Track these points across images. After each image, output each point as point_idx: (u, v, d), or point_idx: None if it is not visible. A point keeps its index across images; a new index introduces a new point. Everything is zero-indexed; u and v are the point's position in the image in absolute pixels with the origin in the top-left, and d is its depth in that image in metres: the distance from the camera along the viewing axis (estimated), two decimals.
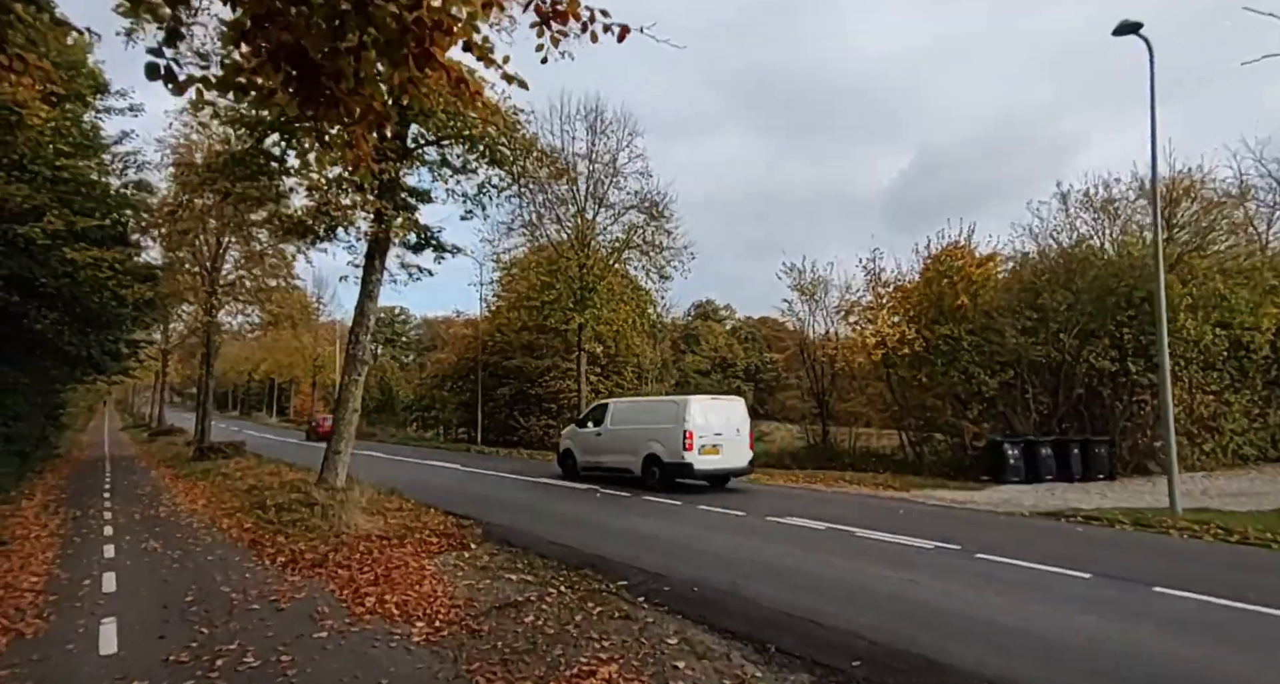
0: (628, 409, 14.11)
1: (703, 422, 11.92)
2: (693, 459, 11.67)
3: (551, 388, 26.39)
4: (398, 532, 8.37)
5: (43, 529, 9.67)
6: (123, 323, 15.25)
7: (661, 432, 12.23)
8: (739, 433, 12.33)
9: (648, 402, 15.63)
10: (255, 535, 8.61)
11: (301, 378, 62.49)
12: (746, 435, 12.55)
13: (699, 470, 11.83)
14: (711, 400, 13.22)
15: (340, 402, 12.23)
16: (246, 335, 43.64)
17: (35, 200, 10.85)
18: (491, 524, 9.13)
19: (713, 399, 13.52)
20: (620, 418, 13.68)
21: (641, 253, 21.79)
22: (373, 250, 12.54)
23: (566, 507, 10.81)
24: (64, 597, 6.04)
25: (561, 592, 5.89)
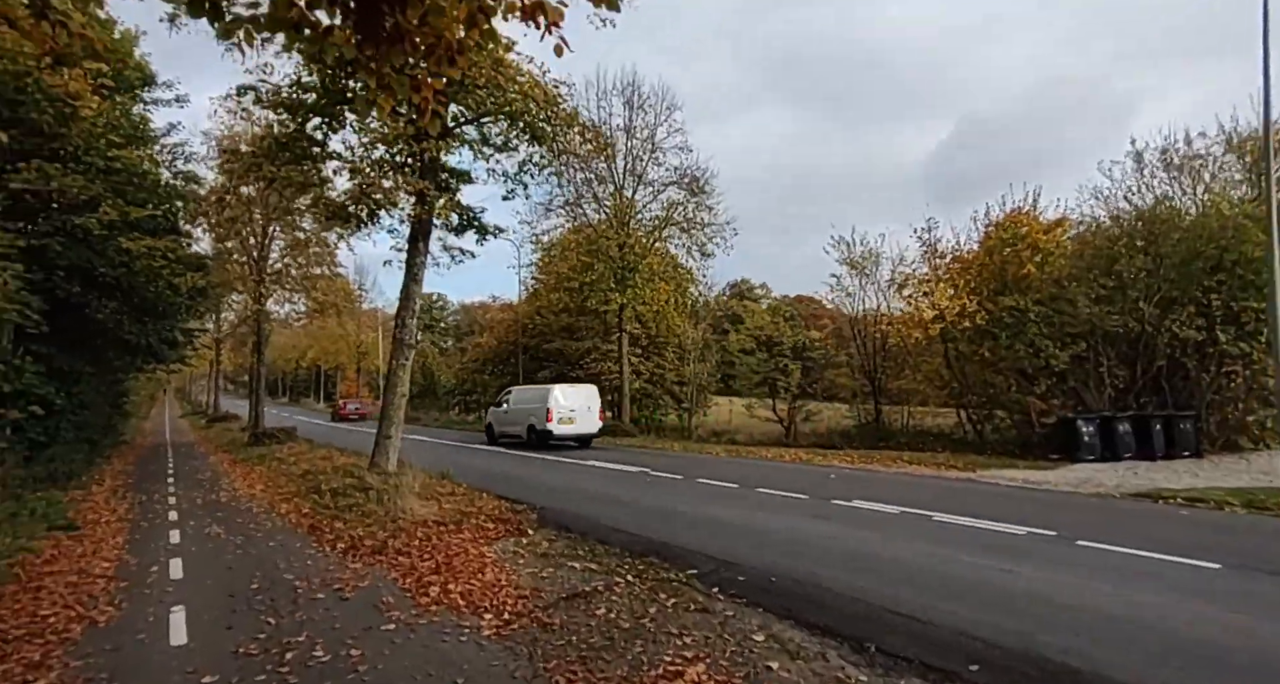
0: (519, 394, 19.20)
1: (563, 402, 16.76)
2: (553, 427, 16.47)
3: (592, 370, 26.20)
4: (453, 517, 8.24)
5: (111, 514, 9.90)
6: (177, 311, 15.58)
7: (537, 409, 16.91)
8: (590, 410, 17.20)
9: (531, 388, 19.48)
10: (314, 521, 8.61)
11: (346, 364, 64.23)
12: (596, 411, 17.53)
13: (557, 434, 16.68)
14: (570, 387, 17.96)
15: (388, 386, 12.22)
16: (294, 323, 44.95)
17: (90, 191, 10.97)
18: (546, 509, 8.93)
19: (572, 386, 18.21)
20: (516, 400, 18.85)
21: (682, 230, 21.25)
22: (415, 233, 12.39)
23: (617, 490, 10.56)
24: (134, 583, 6.05)
25: (629, 581, 5.60)
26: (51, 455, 11.95)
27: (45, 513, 9.34)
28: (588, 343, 26.36)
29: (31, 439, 11.67)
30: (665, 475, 11.90)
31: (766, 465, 13.61)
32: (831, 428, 19.14)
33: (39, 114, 10.91)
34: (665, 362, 26.16)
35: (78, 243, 11.39)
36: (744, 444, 19.56)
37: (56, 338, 12.57)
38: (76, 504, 10.68)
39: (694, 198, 20.47)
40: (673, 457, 15.54)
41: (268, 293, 22.41)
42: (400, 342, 12.24)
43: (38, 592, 5.83)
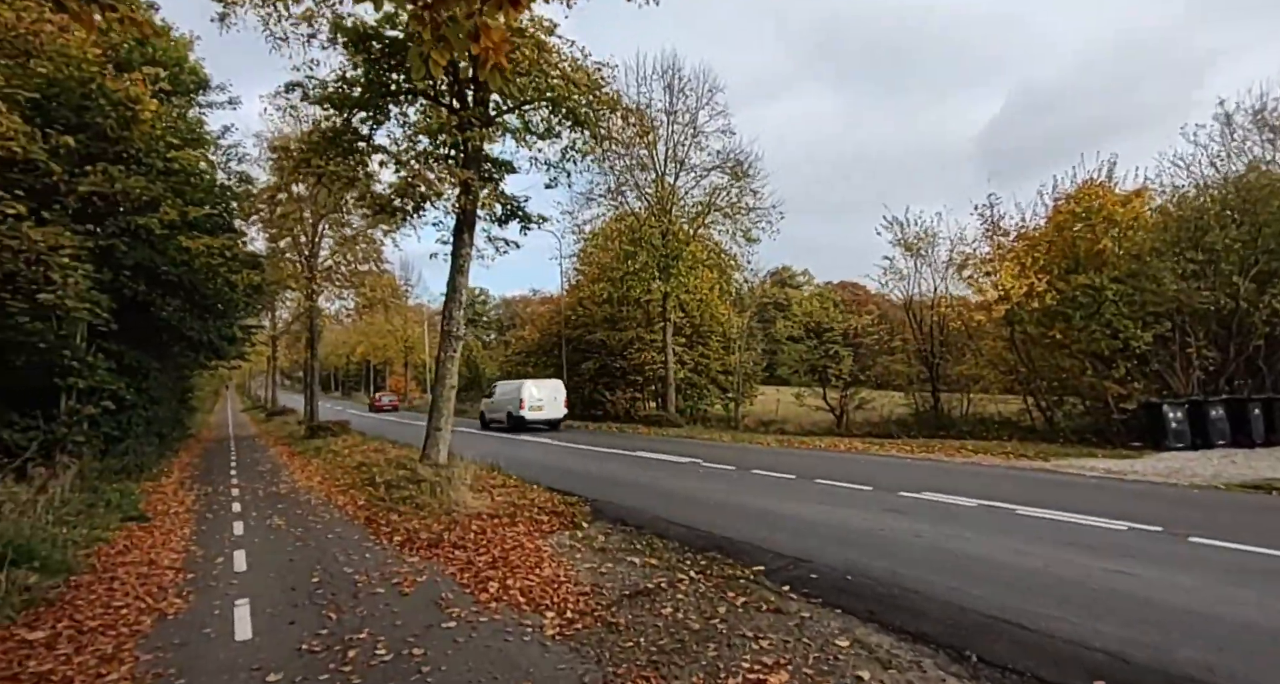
0: (502, 387, 22.91)
1: (535, 393, 20.67)
2: (525, 414, 20.34)
3: (635, 360, 26.00)
4: (506, 510, 8.13)
5: (180, 505, 10.22)
6: (235, 308, 16.06)
7: (514, 399, 20.67)
8: (555, 399, 21.04)
9: (510, 383, 23.02)
10: (370, 513, 8.64)
11: (394, 359, 66.04)
12: (561, 401, 21.27)
13: (529, 419, 20.50)
14: (539, 381, 21.97)
15: (437, 379, 12.24)
16: (343, 320, 46.43)
17: (151, 192, 11.27)
18: (598, 501, 8.75)
19: (540, 381, 22.12)
20: (500, 392, 22.61)
21: (725, 216, 20.71)
22: (460, 224, 12.34)
23: (670, 481, 10.30)
24: (200, 574, 6.12)
25: (693, 578, 5.33)
26: (125, 449, 12.45)
27: (120, 504, 9.70)
28: (630, 333, 26.14)
29: (106, 433, 12.17)
30: (718, 467, 11.58)
31: (822, 455, 13.13)
32: (886, 416, 18.40)
33: (103, 118, 11.26)
34: (710, 351, 25.73)
35: (141, 243, 11.75)
36: (794, 434, 19.03)
37: (125, 335, 13.06)
38: (148, 495, 11.08)
39: (738, 182, 19.90)
40: (723, 447, 15.19)
41: (319, 289, 22.97)
42: (447, 334, 12.25)
43: (111, 582, 5.95)
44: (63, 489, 9.20)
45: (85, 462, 10.54)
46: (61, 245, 9.95)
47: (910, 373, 17.03)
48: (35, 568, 5.88)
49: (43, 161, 10.27)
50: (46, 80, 10.48)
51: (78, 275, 9.83)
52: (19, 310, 9.78)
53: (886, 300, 25.15)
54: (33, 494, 7.87)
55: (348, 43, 10.65)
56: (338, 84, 11.39)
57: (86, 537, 7.43)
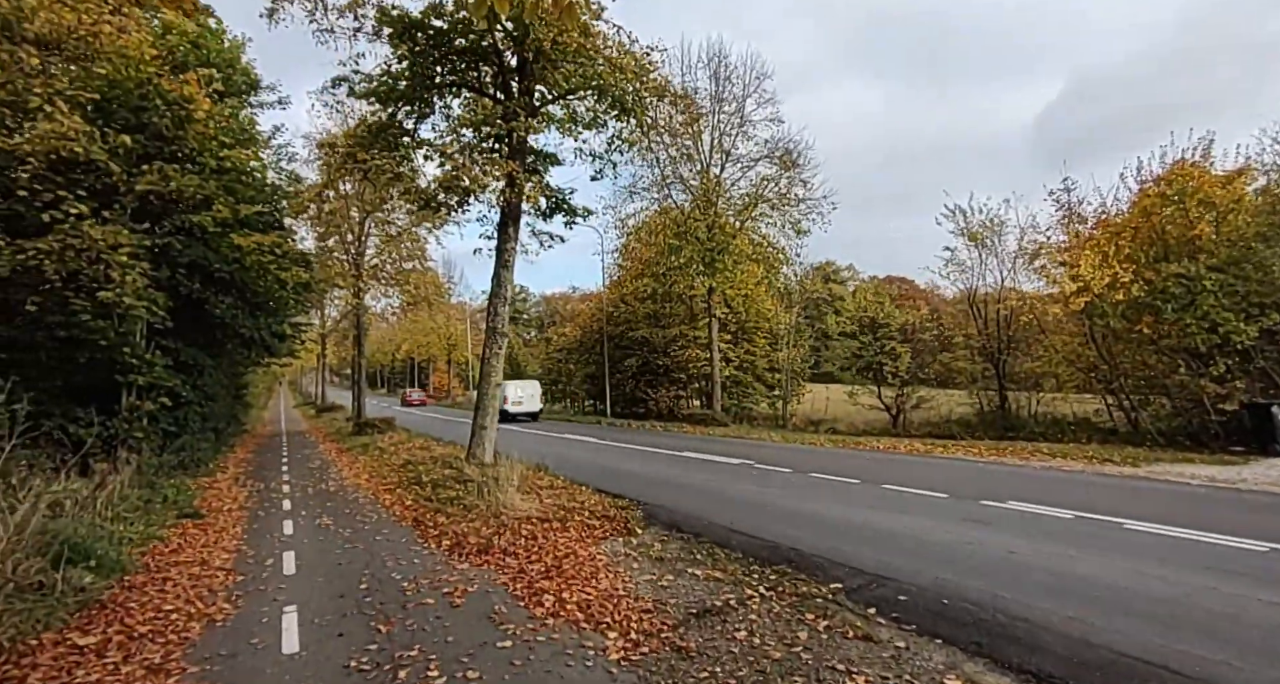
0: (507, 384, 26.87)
1: (515, 393, 26.45)
2: (509, 408, 25.16)
3: (678, 357, 25.52)
4: (556, 513, 7.80)
5: (233, 501, 10.27)
6: (285, 306, 16.28)
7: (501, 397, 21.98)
8: (533, 397, 27.25)
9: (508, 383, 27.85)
10: (417, 514, 8.44)
11: (437, 356, 67.19)
12: (538, 397, 27.62)
13: (512, 412, 25.40)
14: (518, 382, 28.82)
15: (483, 375, 12.03)
16: (389, 318, 47.51)
17: (205, 190, 11.39)
18: (650, 505, 8.34)
19: (519, 381, 29.08)
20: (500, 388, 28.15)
21: (773, 208, 19.98)
22: (505, 218, 12.10)
23: (724, 484, 9.81)
24: (250, 577, 5.96)
25: (764, 596, 4.86)
26: (182, 444, 12.68)
27: (175, 500, 9.80)
28: (674, 330, 25.67)
29: (164, 429, 12.41)
30: (772, 469, 11.03)
31: (883, 458, 12.41)
32: (945, 416, 17.45)
33: (159, 118, 11.42)
34: (756, 347, 25.03)
35: (195, 241, 11.91)
36: (846, 434, 18.25)
37: (181, 333, 13.30)
38: (203, 491, 11.22)
39: (787, 172, 19.15)
40: (774, 447, 14.60)
41: (366, 287, 23.27)
42: (493, 330, 12.04)
43: (164, 583, 5.84)
44: (122, 484, 9.32)
45: (144, 457, 10.72)
46: (120, 244, 10.09)
47: (973, 370, 16.05)
48: (91, 567, 5.82)
49: (103, 162, 10.42)
50: (106, 82, 10.65)
51: (135, 273, 9.94)
52: (82, 308, 9.96)
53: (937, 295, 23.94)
54: (92, 490, 7.92)
55: (393, 34, 10.49)
56: (383, 78, 11.27)
57: (142, 534, 7.43)
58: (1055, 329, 14.50)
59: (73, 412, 11.07)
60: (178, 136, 11.86)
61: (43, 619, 4.79)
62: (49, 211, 9.59)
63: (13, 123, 9.37)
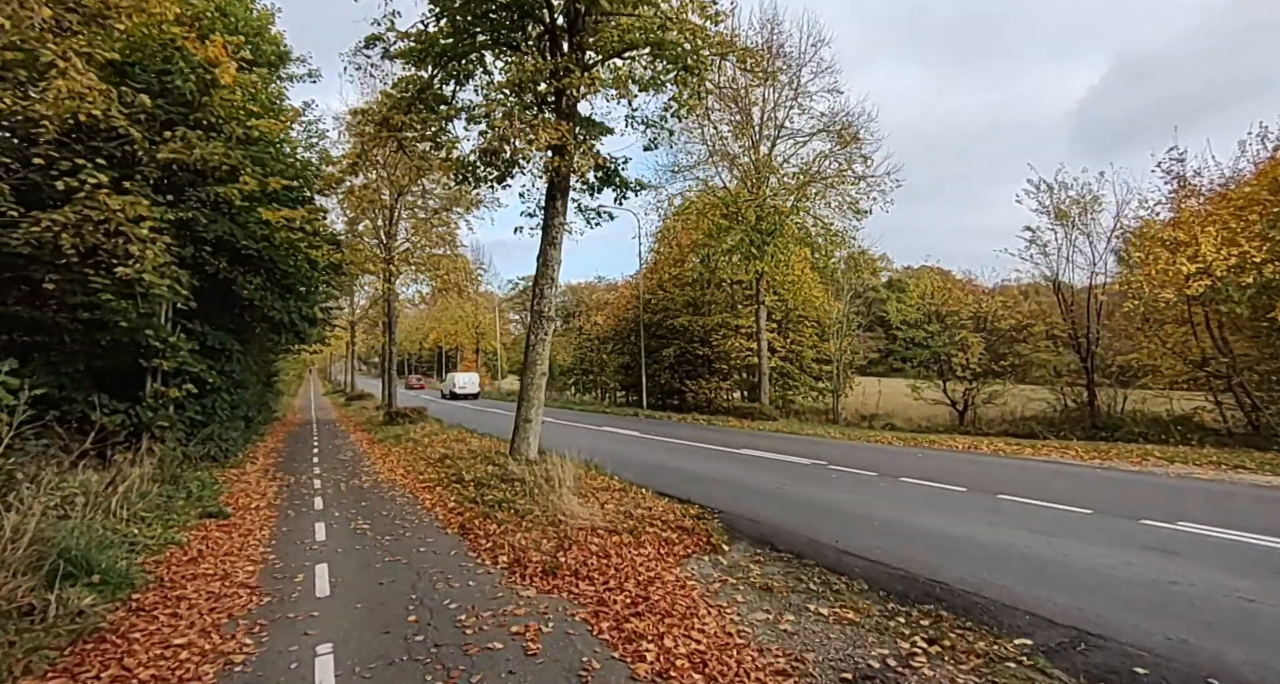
0: (451, 376, 42.27)
1: (460, 380, 40.15)
2: (456, 390, 39.17)
3: (719, 347, 24.30)
4: (623, 522, 6.74)
5: (261, 498, 9.45)
6: (315, 288, 15.48)
7: (452, 382, 40.49)
8: (473, 383, 40.03)
9: (452, 374, 42.14)
10: (463, 519, 7.46)
11: (465, 345, 66.92)
12: (476, 384, 40.39)
13: (458, 393, 38.81)
14: (463, 373, 42.44)
15: (526, 364, 11.02)
16: (418, 305, 47.13)
17: (231, 160, 10.54)
18: (726, 513, 7.24)
19: (464, 373, 42.61)
20: (449, 379, 42.04)
21: (830, 186, 18.54)
22: (553, 190, 11.04)
23: (803, 489, 8.65)
24: (277, 599, 5.01)
25: (929, 653, 3.72)
26: (209, 433, 11.96)
27: (200, 496, 9.00)
28: (715, 318, 24.43)
29: (191, 418, 11.70)
30: (853, 471, 9.83)
31: (970, 459, 11.12)
32: (1019, 413, 16.00)
33: (182, 82, 10.58)
34: (803, 337, 23.70)
35: (221, 216, 11.10)
36: (907, 430, 16.92)
37: (206, 316, 12.55)
38: (230, 484, 10.45)
39: (846, 147, 17.68)
40: (840, 446, 13.38)
41: (396, 272, 22.52)
42: (539, 314, 11.00)
43: (177, 604, 4.93)
44: (142, 479, 8.54)
45: (167, 448, 9.96)
46: (141, 216, 9.28)
47: (1057, 363, 14.55)
48: (93, 584, 4.94)
49: (123, 127, 9.59)
50: (126, 42, 9.80)
51: (156, 248, 9.11)
52: (102, 286, 9.19)
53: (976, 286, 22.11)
54: (104, 488, 7.09)
55: None
56: (419, 36, 10.25)
57: (159, 538, 6.58)
58: (1159, 318, 12.94)
59: (96, 397, 10.37)
60: (202, 103, 11.02)
61: (25, 657, 3.89)
62: (64, 179, 8.79)
63: (26, 78, 8.55)
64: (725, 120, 17.96)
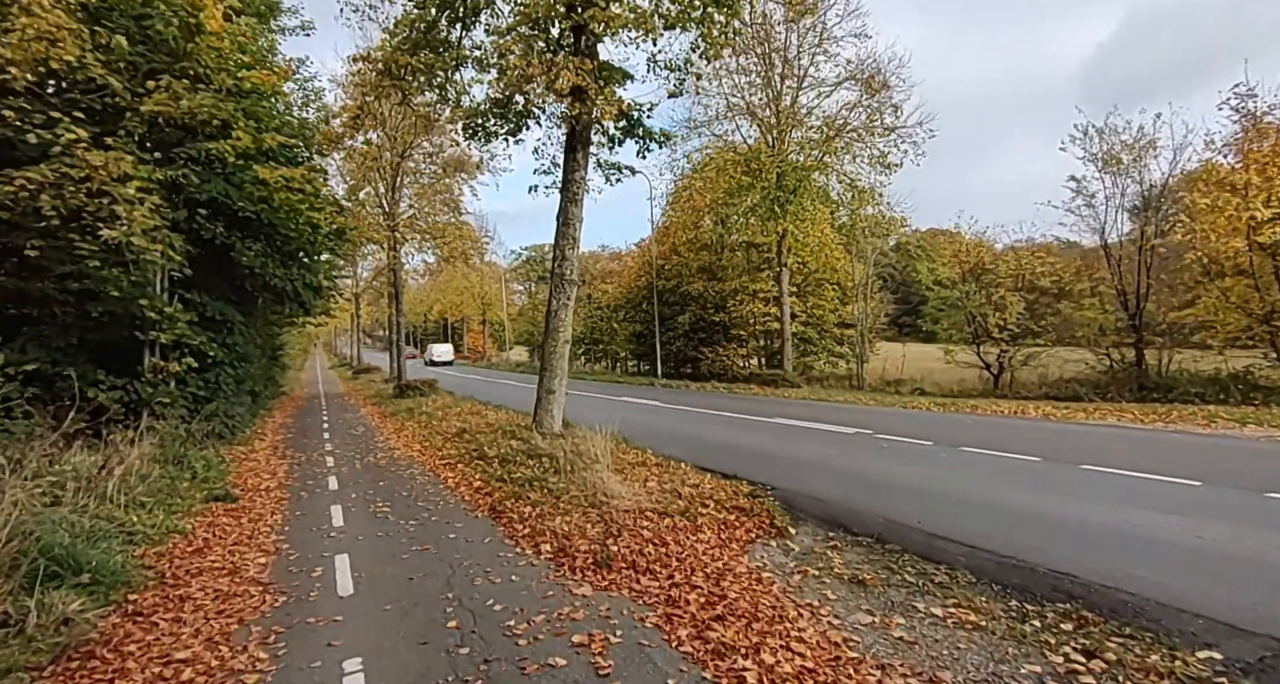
0: (430, 347, 53.34)
1: (438, 350, 51.47)
2: (434, 358, 49.78)
3: (736, 313, 23.49)
4: (670, 502, 6.07)
5: (271, 477, 8.86)
6: (319, 253, 14.64)
7: (430, 352, 52.05)
8: (448, 353, 52.26)
9: (433, 345, 54.28)
10: (492, 499, 6.82)
11: (471, 316, 66.16)
12: (451, 353, 53.11)
13: (435, 361, 48.82)
14: (440, 344, 54.82)
15: (548, 332, 10.29)
16: (422, 277, 46.34)
17: (221, 113, 9.61)
18: (784, 491, 6.57)
19: (440, 344, 55.16)
20: (429, 348, 53.79)
21: (856, 139, 17.39)
22: (573, 142, 10.13)
23: (858, 461, 7.97)
24: (293, 599, 4.38)
25: (1092, 669, 3.04)
26: (214, 410, 11.32)
27: (206, 477, 8.40)
28: (731, 283, 23.54)
29: (193, 393, 11.05)
30: (902, 440, 9.15)
31: (1030, 426, 10.40)
32: (1065, 376, 15.22)
33: (164, 26, 9.58)
34: (824, 301, 22.84)
35: (214, 175, 10.23)
36: (937, 395, 16.21)
37: (205, 285, 11.78)
38: (238, 464, 9.87)
39: (875, 95, 16.49)
40: (879, 413, 12.69)
41: (402, 239, 21.66)
42: (560, 277, 10.21)
43: (180, 606, 4.30)
44: (142, 459, 7.92)
45: (169, 426, 9.33)
46: (127, 175, 8.46)
47: (1103, 321, 13.68)
48: (82, 585, 4.31)
49: (100, 76, 8.69)
50: None
51: (144, 209, 8.30)
52: (89, 253, 8.41)
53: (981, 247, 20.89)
54: (98, 471, 6.44)
55: None
56: None
57: (160, 526, 5.95)
58: (1220, 270, 12.01)
59: (91, 373, 9.71)
60: (187, 51, 10.04)
61: None
62: (37, 132, 7.94)
63: None
64: (745, 68, 16.76)
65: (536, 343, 45.86)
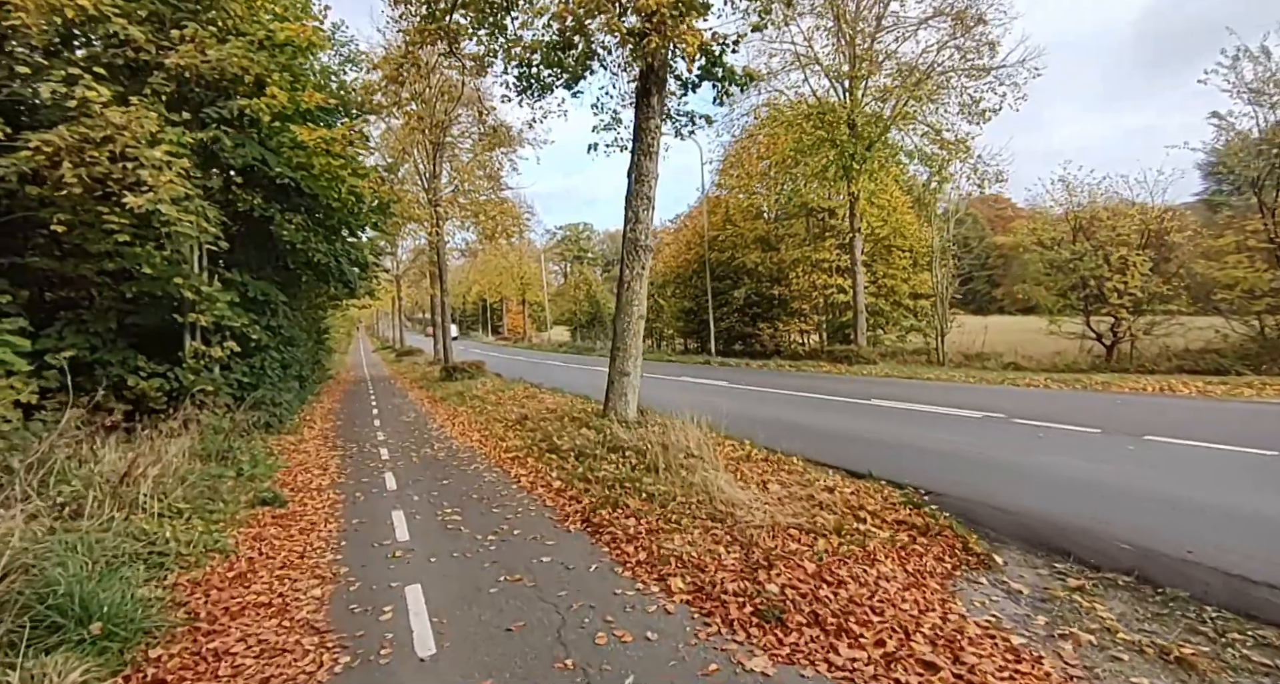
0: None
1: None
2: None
3: (798, 285, 21.84)
4: (812, 515, 4.79)
5: (323, 474, 7.92)
6: (363, 226, 13.64)
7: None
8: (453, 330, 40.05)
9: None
10: (580, 504, 5.66)
11: (510, 297, 65.69)
12: (455, 330, 51.62)
13: None
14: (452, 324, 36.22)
15: (621, 306, 9.03)
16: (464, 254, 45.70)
17: (254, 68, 8.55)
18: (947, 497, 5.22)
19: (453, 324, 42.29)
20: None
21: (941, 86, 15.38)
22: (646, 83, 8.75)
23: (1019, 455, 6.53)
24: (358, 661, 3.28)
25: None
26: (260, 398, 10.50)
27: (252, 474, 7.50)
28: (792, 253, 21.86)
29: (238, 380, 10.25)
30: (1054, 426, 7.64)
31: (1205, 407, 8.74)
32: (1187, 345, 13.29)
33: None
34: (894, 269, 20.98)
35: (248, 138, 9.19)
36: (1035, 371, 14.43)
37: (245, 262, 10.92)
38: (286, 456, 9.01)
39: (967, 32, 14.45)
40: (989, 392, 11.12)
41: (446, 215, 20.70)
42: (634, 243, 8.92)
43: (214, 668, 3.24)
44: (183, 454, 7.05)
45: (212, 416, 8.48)
46: (154, 136, 7.50)
47: (1256, 281, 11.68)
48: (91, 639, 3.29)
49: (120, 29, 7.72)
50: None
51: (172, 174, 7.31)
52: (118, 226, 7.49)
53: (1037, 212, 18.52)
54: (117, 479, 5.49)
55: None
56: None
57: (197, 542, 4.97)
58: None
59: (132, 359, 8.94)
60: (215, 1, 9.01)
61: None
62: (53, 87, 7.02)
63: None
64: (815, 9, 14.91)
65: (579, 323, 44.86)
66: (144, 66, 8.42)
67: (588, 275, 49.87)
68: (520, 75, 9.96)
